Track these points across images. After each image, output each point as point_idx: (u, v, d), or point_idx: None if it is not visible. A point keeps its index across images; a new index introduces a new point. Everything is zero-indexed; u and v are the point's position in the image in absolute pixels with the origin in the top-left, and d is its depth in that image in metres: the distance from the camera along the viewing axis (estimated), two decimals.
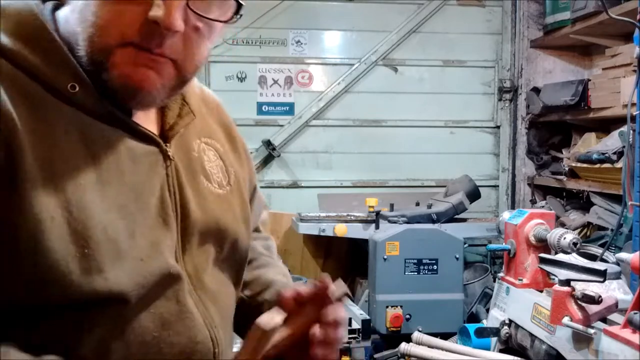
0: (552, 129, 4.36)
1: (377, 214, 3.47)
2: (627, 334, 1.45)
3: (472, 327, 2.18)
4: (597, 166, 3.40)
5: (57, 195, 0.74)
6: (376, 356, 3.08)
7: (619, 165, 3.07)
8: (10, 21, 0.77)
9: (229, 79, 4.23)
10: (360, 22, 4.32)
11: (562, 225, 3.60)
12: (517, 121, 4.45)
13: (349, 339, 2.67)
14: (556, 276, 1.63)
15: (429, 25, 4.36)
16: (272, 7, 4.14)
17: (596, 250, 2.51)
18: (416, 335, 1.94)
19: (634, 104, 2.41)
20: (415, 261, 3.34)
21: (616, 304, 1.63)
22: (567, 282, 1.59)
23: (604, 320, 1.65)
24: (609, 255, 2.40)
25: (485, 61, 4.47)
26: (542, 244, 2.01)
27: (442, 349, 1.86)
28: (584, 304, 1.57)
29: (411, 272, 3.33)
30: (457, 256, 3.37)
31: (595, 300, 1.52)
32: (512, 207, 4.39)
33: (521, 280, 2.02)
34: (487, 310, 2.56)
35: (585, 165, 3.54)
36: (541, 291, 1.96)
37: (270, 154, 4.22)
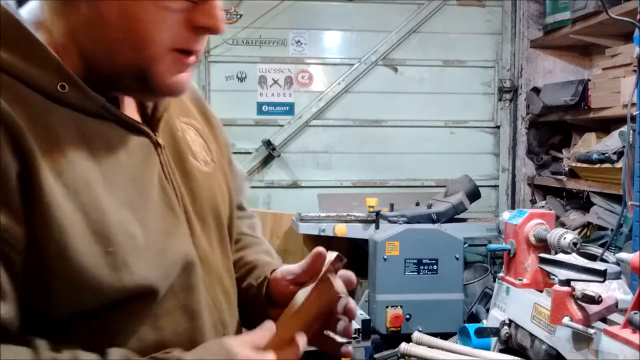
0: (552, 129, 4.36)
1: (377, 214, 3.47)
2: (627, 334, 1.45)
3: (472, 327, 2.18)
4: (597, 166, 3.40)
5: (72, 198, 0.73)
6: (376, 356, 3.08)
7: (619, 165, 3.07)
8: None
9: (229, 79, 4.23)
10: (360, 22, 4.32)
11: (562, 225, 3.60)
12: (517, 121, 4.45)
13: (349, 339, 2.67)
14: (556, 276, 1.62)
15: (429, 25, 4.37)
16: (272, 7, 4.13)
17: (596, 250, 2.50)
18: (416, 335, 1.94)
19: (634, 104, 2.41)
20: (415, 261, 3.34)
21: (616, 304, 1.62)
22: (567, 282, 1.59)
23: (604, 320, 1.65)
24: (609, 255, 2.39)
25: (485, 61, 4.47)
26: (542, 244, 2.00)
27: (442, 349, 1.85)
28: (584, 304, 1.56)
29: (411, 272, 3.33)
30: (457, 256, 3.37)
31: (595, 300, 1.52)
32: (512, 207, 4.39)
33: (521, 280, 2.02)
34: (487, 310, 2.56)
35: (585, 165, 3.54)
36: (541, 291, 1.95)
37: (270, 154, 4.22)
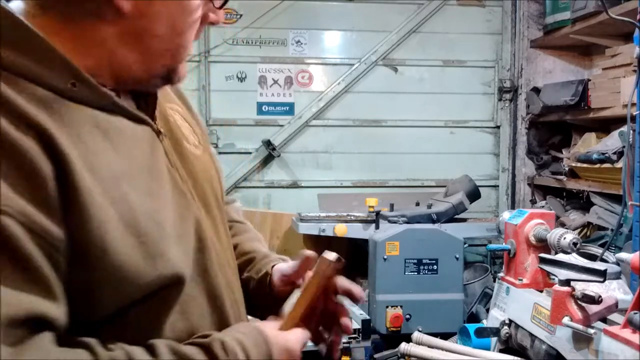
0: (552, 129, 4.36)
1: (377, 214, 3.46)
2: (627, 334, 1.45)
3: (472, 327, 2.18)
4: (597, 166, 3.40)
5: (105, 194, 0.74)
6: (376, 356, 3.08)
7: (619, 165, 3.07)
8: None
9: (229, 79, 4.23)
10: (360, 22, 4.32)
11: (562, 225, 3.60)
12: (517, 121, 4.45)
13: (349, 339, 2.67)
14: (556, 276, 1.62)
15: (429, 25, 4.37)
16: (272, 7, 4.13)
17: (596, 250, 2.50)
18: (416, 335, 1.94)
19: (634, 104, 2.41)
20: (415, 261, 3.34)
21: (616, 304, 1.62)
22: (567, 282, 1.59)
23: (604, 320, 1.65)
24: (609, 255, 2.40)
25: (485, 61, 4.47)
26: (542, 244, 2.00)
27: (442, 349, 1.85)
28: (584, 304, 1.56)
29: (411, 272, 3.33)
30: (457, 256, 3.37)
31: (595, 300, 1.52)
32: (512, 207, 4.39)
33: (521, 280, 2.02)
34: (487, 310, 2.56)
35: (585, 165, 3.54)
36: (541, 291, 1.95)
37: (270, 154, 4.22)
